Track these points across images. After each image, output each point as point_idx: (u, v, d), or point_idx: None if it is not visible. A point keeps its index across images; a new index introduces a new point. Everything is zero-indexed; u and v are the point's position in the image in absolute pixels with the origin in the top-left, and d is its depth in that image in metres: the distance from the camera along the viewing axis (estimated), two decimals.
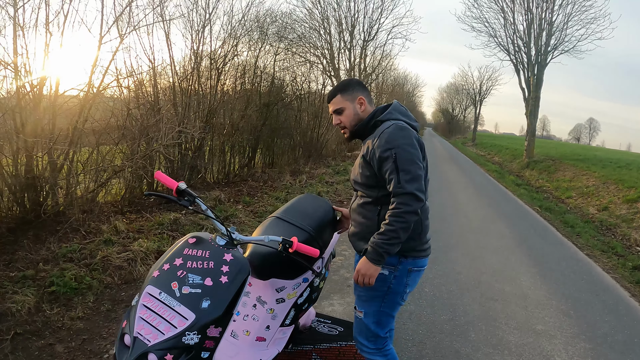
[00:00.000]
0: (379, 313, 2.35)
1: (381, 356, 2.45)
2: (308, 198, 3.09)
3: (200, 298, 1.84)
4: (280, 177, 10.81)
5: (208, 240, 2.05)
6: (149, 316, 1.82)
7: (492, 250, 6.58)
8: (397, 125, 2.19)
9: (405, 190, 2.08)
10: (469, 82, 57.34)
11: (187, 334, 1.77)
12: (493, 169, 20.67)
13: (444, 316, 4.17)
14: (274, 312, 2.67)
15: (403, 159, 2.11)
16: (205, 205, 2.17)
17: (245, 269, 1.99)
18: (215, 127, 9.18)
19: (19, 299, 3.56)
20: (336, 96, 2.40)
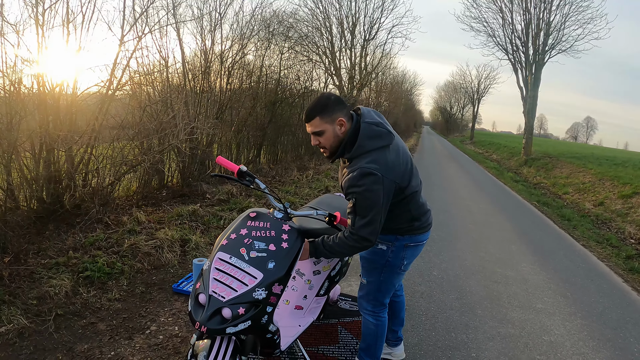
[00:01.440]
0: (380, 282, 2.74)
1: (373, 319, 2.82)
2: (332, 196, 3.61)
3: (266, 260, 2.22)
4: (288, 173, 11.18)
5: (267, 214, 2.44)
6: (222, 277, 2.19)
7: (494, 240, 6.99)
8: (361, 171, 2.27)
9: (357, 233, 2.34)
10: (467, 80, 57.91)
11: (257, 290, 2.15)
12: (492, 166, 21.11)
13: (452, 296, 4.57)
14: (311, 283, 3.08)
15: (361, 205, 2.29)
16: (264, 185, 2.57)
17: (300, 238, 2.39)
18: (224, 124, 9.53)
19: (56, 283, 3.88)
20: (315, 118, 2.38)
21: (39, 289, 3.83)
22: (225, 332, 2.10)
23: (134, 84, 6.81)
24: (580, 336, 3.96)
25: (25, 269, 4.13)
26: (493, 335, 3.80)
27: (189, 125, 7.22)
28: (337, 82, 18.74)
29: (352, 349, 3.35)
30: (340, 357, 3.23)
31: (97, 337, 3.35)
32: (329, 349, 3.32)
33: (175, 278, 4.48)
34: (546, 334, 3.93)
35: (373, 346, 2.88)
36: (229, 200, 7.70)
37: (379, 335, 2.85)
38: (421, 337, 3.68)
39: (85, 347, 3.23)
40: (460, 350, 3.51)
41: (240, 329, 2.12)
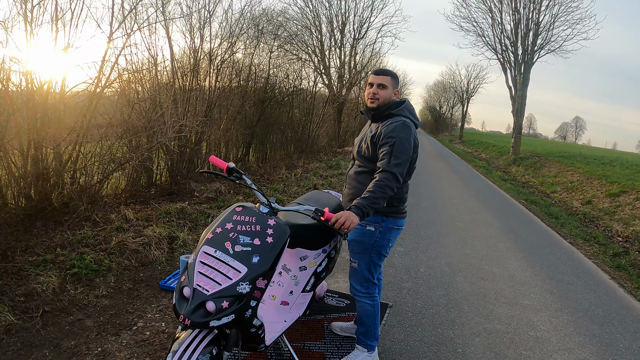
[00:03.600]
0: (369, 262, 2.95)
1: (369, 300, 3.02)
2: (320, 193, 3.66)
3: (251, 254, 2.24)
4: (276, 171, 11.19)
5: (253, 208, 2.46)
6: (206, 270, 2.21)
7: (481, 237, 7.06)
8: (404, 122, 2.76)
9: (391, 170, 2.64)
10: (456, 80, 58.00)
11: (241, 284, 2.17)
12: (480, 165, 21.25)
13: (438, 292, 4.61)
14: (297, 279, 3.11)
15: (397, 148, 2.68)
16: (250, 180, 2.62)
17: (286, 232, 2.40)
18: (213, 122, 9.52)
19: (43, 280, 3.88)
20: (388, 75, 2.88)
21: (27, 286, 3.82)
22: (209, 326, 2.12)
23: (123, 81, 6.80)
24: (567, 332, 4.02)
25: (12, 266, 4.11)
26: (479, 331, 3.84)
27: (177, 123, 7.21)
28: (326, 81, 18.80)
29: (338, 344, 3.38)
30: (326, 353, 3.26)
31: (84, 334, 3.35)
32: (315, 345, 3.35)
33: (162, 275, 4.49)
34: (532, 330, 3.97)
35: (372, 327, 3.06)
36: (217, 198, 7.70)
37: (376, 315, 3.05)
38: (407, 332, 3.71)
39: (72, 343, 3.23)
40: (446, 345, 3.55)
41: (223, 323, 2.14)
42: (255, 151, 12.71)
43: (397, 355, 3.35)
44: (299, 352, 3.22)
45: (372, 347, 3.10)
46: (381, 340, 3.52)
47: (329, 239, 3.25)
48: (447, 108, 72.77)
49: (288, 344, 3.06)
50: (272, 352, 3.20)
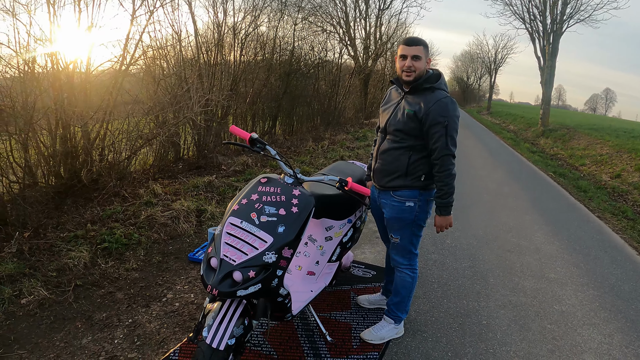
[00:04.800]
0: (411, 236, 2.94)
1: (410, 271, 3.04)
2: (344, 163, 3.63)
3: (276, 224, 2.23)
4: (303, 143, 11.17)
5: (277, 179, 2.45)
6: (233, 241, 2.22)
7: (508, 209, 6.96)
8: (452, 100, 2.71)
9: (449, 152, 2.67)
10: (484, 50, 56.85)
11: (267, 254, 2.17)
12: (508, 137, 20.86)
13: (464, 264, 4.58)
14: (322, 249, 3.11)
15: (452, 128, 2.66)
16: (275, 151, 2.60)
17: (311, 202, 2.38)
18: (239, 96, 9.51)
19: (74, 255, 3.95)
20: (420, 45, 2.74)
21: (58, 261, 3.89)
22: (236, 295, 2.13)
23: (147, 58, 6.82)
24: (592, 307, 3.94)
25: (44, 242, 4.20)
26: (504, 304, 3.80)
27: (203, 98, 7.22)
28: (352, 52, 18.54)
29: (364, 314, 3.39)
30: (352, 323, 3.27)
31: (115, 306, 3.42)
32: (341, 315, 3.36)
33: (191, 247, 4.55)
34: (557, 304, 3.91)
35: (406, 299, 3.07)
36: (244, 171, 7.75)
37: (413, 287, 3.07)
38: (433, 304, 3.70)
39: (104, 315, 3.29)
40: (471, 317, 3.53)
41: (250, 292, 2.15)
42: (282, 124, 12.69)
43: (423, 326, 3.34)
44: (325, 322, 3.24)
45: (400, 319, 3.11)
46: None
47: (354, 209, 3.22)
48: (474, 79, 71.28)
49: (314, 313, 3.08)
50: (299, 321, 3.23)
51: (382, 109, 3.02)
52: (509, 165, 12.01)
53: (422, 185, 2.80)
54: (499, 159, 13.08)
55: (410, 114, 2.73)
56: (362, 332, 3.13)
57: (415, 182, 2.80)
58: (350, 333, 3.14)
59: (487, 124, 30.04)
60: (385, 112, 2.95)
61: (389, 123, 2.87)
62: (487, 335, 3.30)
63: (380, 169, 2.93)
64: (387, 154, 2.88)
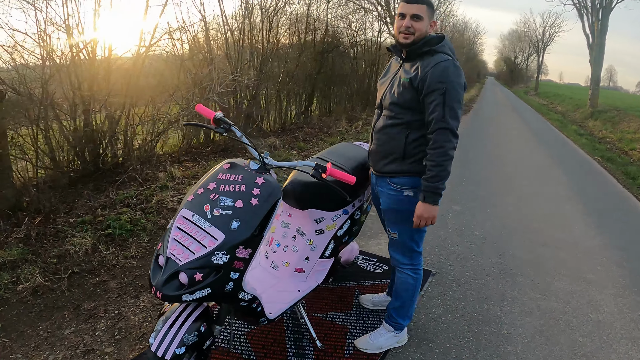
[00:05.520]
0: (411, 231, 2.45)
1: (413, 272, 2.58)
2: (348, 145, 3.12)
3: (230, 219, 1.84)
4: (336, 124, 10.72)
5: (242, 165, 2.04)
6: (182, 237, 1.85)
7: (547, 196, 6.31)
8: (454, 63, 2.21)
9: (447, 125, 2.16)
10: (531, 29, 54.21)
11: (217, 254, 1.79)
12: (555, 118, 19.64)
13: (491, 259, 4.06)
14: (313, 244, 2.67)
15: (451, 96, 2.15)
16: (240, 132, 2.19)
17: (275, 192, 1.97)
18: (270, 76, 9.13)
19: (77, 242, 3.74)
20: (424, 5, 2.26)
21: (61, 247, 3.71)
22: (182, 300, 1.79)
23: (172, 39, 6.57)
24: (633, 316, 3.33)
25: (53, 228, 4.02)
26: (531, 309, 3.27)
27: (226, 78, 6.91)
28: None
29: (365, 317, 2.97)
30: (349, 327, 2.85)
31: (106, 295, 3.20)
32: (338, 316, 2.95)
33: None
34: (593, 311, 3.34)
35: (408, 303, 2.63)
36: (271, 154, 7.39)
37: (416, 290, 2.62)
38: (447, 306, 3.22)
39: (92, 305, 3.09)
40: (490, 325, 3.03)
41: (197, 297, 1.80)
42: (319, 104, 12.26)
43: (431, 334, 2.88)
44: (320, 323, 2.85)
45: (401, 326, 2.66)
46: (415, 313, 3.06)
47: (351, 197, 2.75)
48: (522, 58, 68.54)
49: (305, 315, 2.66)
50: (290, 322, 2.86)
51: (379, 83, 2.54)
52: (554, 149, 11.14)
53: (423, 170, 2.28)
54: (543, 141, 12.19)
55: (405, 82, 2.26)
56: (357, 338, 2.72)
57: (415, 166, 2.32)
58: (345, 339, 2.73)
59: (534, 105, 28.51)
60: (383, 85, 2.48)
61: (384, 96, 2.41)
62: (505, 348, 2.80)
63: (375, 151, 2.48)
64: (382, 133, 2.41)
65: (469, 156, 8.81)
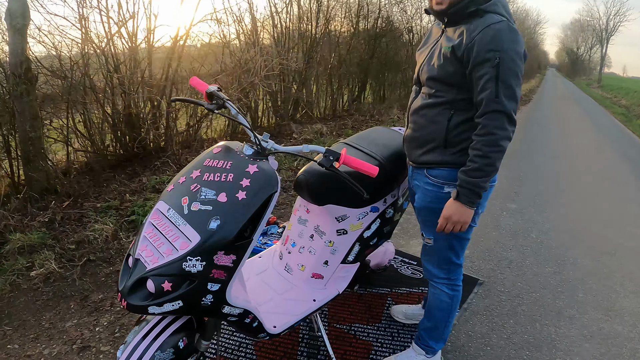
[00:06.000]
0: (452, 238, 1.92)
1: (448, 288, 2.07)
2: (382, 129, 2.61)
3: (209, 217, 1.46)
4: (388, 112, 10.18)
5: (235, 149, 1.64)
6: (153, 236, 1.49)
7: (614, 198, 5.56)
8: (510, 25, 1.63)
9: (501, 107, 1.61)
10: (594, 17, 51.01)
11: (189, 260, 1.41)
12: (619, 112, 18.11)
13: (548, 268, 3.49)
14: (333, 246, 2.20)
15: (507, 69, 1.60)
16: (236, 109, 1.78)
17: (270, 184, 1.55)
18: (320, 60, 8.69)
19: (98, 228, 3.50)
20: None
21: (81, 233, 3.48)
22: (148, 312, 1.43)
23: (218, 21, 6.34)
24: None
25: (78, 212, 3.81)
26: (592, 333, 2.70)
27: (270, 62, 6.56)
28: None
29: (394, 333, 2.50)
30: (374, 343, 2.40)
31: (115, 287, 2.93)
32: (363, 329, 2.50)
33: None
34: None
35: (442, 325, 2.12)
36: (314, 140, 6.99)
37: (453, 310, 2.11)
38: (493, 324, 2.71)
39: (100, 297, 2.84)
40: (541, 350, 2.50)
41: (167, 310, 1.43)
42: (372, 91, 11.69)
43: (472, 358, 2.39)
44: (341, 336, 2.42)
45: (433, 350, 2.18)
46: (454, 331, 2.59)
47: (382, 192, 2.24)
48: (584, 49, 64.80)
49: (322, 328, 2.23)
50: (307, 332, 2.45)
51: (418, 53, 2.00)
52: (618, 144, 10.10)
53: None
54: (607, 137, 11.11)
55: (447, 52, 1.72)
56: (383, 359, 2.27)
57: (459, 157, 1.78)
58: (368, 358, 2.29)
59: (596, 98, 26.58)
60: (421, 55, 1.94)
61: (422, 69, 1.88)
62: None
63: (411, 137, 1.96)
64: (419, 115, 1.89)
65: (528, 148, 8.12)
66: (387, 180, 2.21)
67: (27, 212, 3.68)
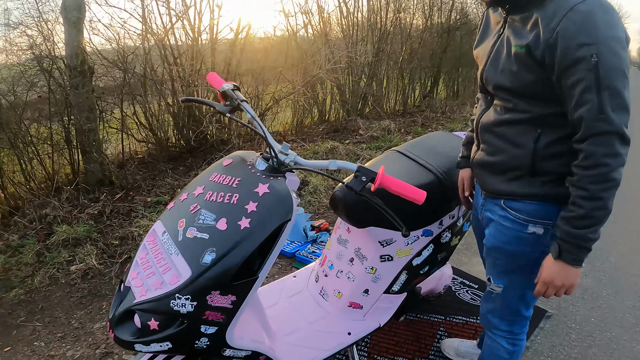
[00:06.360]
0: (526, 285, 1.47)
1: (510, 344, 1.62)
2: (442, 135, 2.21)
3: (204, 248, 1.21)
4: (461, 109, 9.60)
5: (247, 162, 1.37)
6: (145, 262, 1.28)
7: None
8: (604, 4, 1.13)
9: (611, 127, 1.12)
10: None
11: (178, 298, 1.18)
12: None
13: (628, 302, 2.95)
14: (375, 273, 1.88)
15: (609, 68, 1.10)
16: (252, 113, 1.45)
17: (282, 210, 1.26)
18: (391, 54, 8.30)
19: (143, 224, 3.41)
20: None
21: (127, 228, 3.41)
22: (134, 349, 1.21)
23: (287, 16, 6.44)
24: None
25: (128, 206, 3.75)
26: None
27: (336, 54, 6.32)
28: None
29: None
30: None
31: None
32: None
33: None
34: None
35: None
36: (381, 138, 6.65)
37: None
38: None
39: None
40: None
41: (154, 350, 1.21)
42: (445, 86, 11.12)
43: None
44: None
45: None
46: None
47: (437, 212, 1.87)
48: None
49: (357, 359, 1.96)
50: None
51: (476, 50, 1.51)
52: None
53: (565, 194, 1.26)
54: None
55: (520, 53, 1.23)
56: None
57: (552, 187, 1.32)
58: None
59: None
60: (482, 54, 1.44)
61: (486, 75, 1.39)
62: None
63: (484, 162, 1.46)
64: (495, 134, 1.40)
65: None
66: (445, 197, 1.84)
67: (79, 203, 3.66)
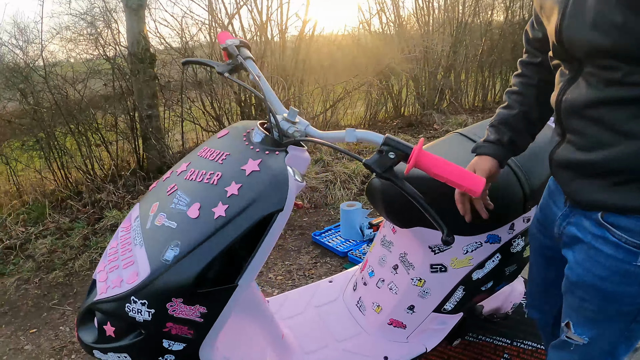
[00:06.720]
0: (621, 338, 1.02)
1: None
2: None
3: (168, 240, 0.95)
4: None
5: (243, 133, 1.10)
6: (113, 254, 1.06)
7: None
8: None
9: None
10: None
11: (133, 301, 0.93)
12: None
13: None
14: (424, 286, 1.45)
15: None
16: (256, 72, 1.17)
17: (274, 197, 0.96)
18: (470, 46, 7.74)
19: None
20: None
21: None
22: (94, 355, 1.00)
23: None
24: None
25: None
26: None
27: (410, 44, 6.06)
28: None
29: None
30: None
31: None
32: None
33: (327, 222, 3.45)
34: None
35: None
36: None
37: None
38: None
39: None
40: None
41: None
42: None
43: None
44: None
45: None
46: None
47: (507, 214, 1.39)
48: None
49: None
50: None
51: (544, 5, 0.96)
52: None
53: None
54: None
55: None
56: None
57: None
58: None
59: None
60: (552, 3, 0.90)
61: (567, 35, 0.86)
62: None
63: (573, 160, 0.94)
64: (590, 119, 0.87)
65: None
66: (519, 194, 1.37)
67: (135, 189, 3.64)
